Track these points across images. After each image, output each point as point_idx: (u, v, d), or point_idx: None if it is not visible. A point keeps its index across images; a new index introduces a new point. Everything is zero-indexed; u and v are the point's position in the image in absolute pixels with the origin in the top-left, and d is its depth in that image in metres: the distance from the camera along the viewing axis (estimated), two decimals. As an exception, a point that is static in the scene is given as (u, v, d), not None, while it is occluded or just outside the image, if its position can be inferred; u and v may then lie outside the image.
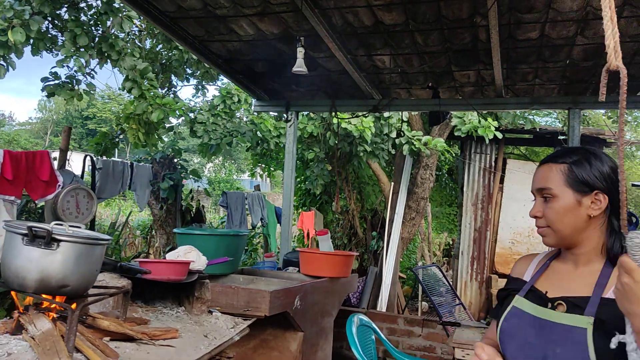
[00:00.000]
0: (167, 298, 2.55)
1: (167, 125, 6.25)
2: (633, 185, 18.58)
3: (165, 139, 7.67)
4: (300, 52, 3.67)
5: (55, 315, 1.85)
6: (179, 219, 6.22)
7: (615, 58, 1.17)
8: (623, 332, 1.23)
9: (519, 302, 1.48)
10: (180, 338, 2.13)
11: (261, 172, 9.49)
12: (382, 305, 7.33)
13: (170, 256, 2.57)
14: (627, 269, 1.13)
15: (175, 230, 3.82)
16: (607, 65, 1.19)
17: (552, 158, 1.49)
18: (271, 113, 7.20)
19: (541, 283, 1.49)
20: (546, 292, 1.45)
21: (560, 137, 8.93)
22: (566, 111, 4.74)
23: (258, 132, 6.91)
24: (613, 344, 1.22)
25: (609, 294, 1.33)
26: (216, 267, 3.37)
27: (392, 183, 7.88)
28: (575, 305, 1.36)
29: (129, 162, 5.40)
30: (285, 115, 5.39)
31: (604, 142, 9.43)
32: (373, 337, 4.05)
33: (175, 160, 6.24)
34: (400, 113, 6.91)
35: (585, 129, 9.44)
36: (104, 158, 5.69)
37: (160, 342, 2.01)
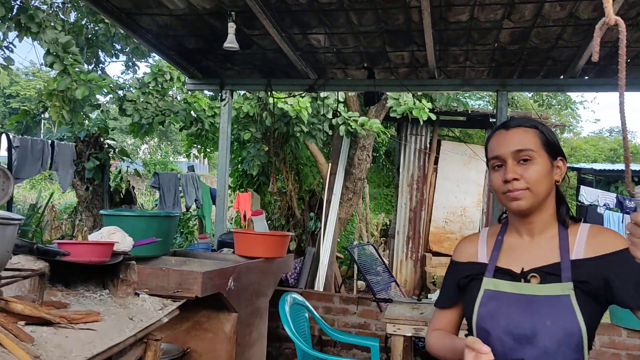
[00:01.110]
0: (90, 281, 2.44)
1: (94, 103, 5.97)
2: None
3: (94, 117, 7.35)
4: (232, 27, 3.58)
5: (-37, 301, 1.73)
6: (106, 200, 5.98)
7: (612, 12, 1.09)
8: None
9: (492, 283, 1.42)
10: (102, 321, 2.05)
11: (197, 154, 9.27)
12: (319, 285, 7.40)
13: (94, 237, 2.46)
14: None
15: (102, 211, 3.68)
16: (604, 20, 1.11)
17: (520, 123, 1.45)
18: (205, 92, 7.03)
19: (503, 261, 1.46)
20: (513, 268, 1.42)
21: (492, 120, 9.24)
22: (495, 94, 4.88)
23: (192, 112, 6.73)
24: None
25: (575, 256, 1.36)
26: (145, 248, 3.27)
27: (330, 164, 7.91)
28: (549, 273, 1.36)
29: (49, 140, 5.12)
30: (219, 94, 5.28)
31: (531, 125, 9.81)
32: (307, 315, 4.07)
33: (102, 139, 5.97)
34: (336, 93, 6.92)
35: (513, 112, 9.81)
36: (23, 136, 5.37)
37: (80, 326, 1.93)
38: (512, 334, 1.34)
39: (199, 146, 8.87)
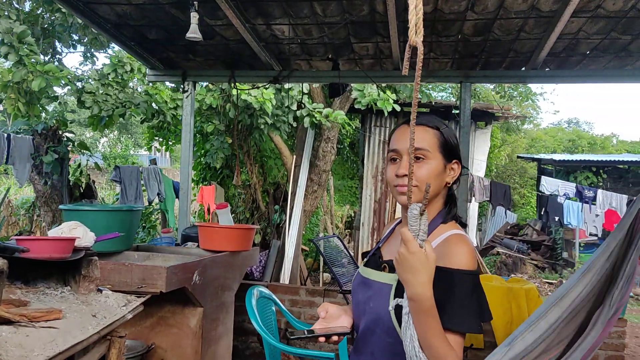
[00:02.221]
0: (50, 278, 2.36)
1: (51, 95, 5.77)
2: (519, 157, 20.09)
3: (52, 110, 7.13)
4: (194, 17, 3.51)
5: None
6: (66, 195, 5.80)
7: (415, 34, 1.19)
8: None
9: (362, 264, 1.62)
10: (64, 319, 1.99)
11: (158, 147, 9.11)
12: (284, 277, 7.39)
13: (54, 233, 2.39)
14: (404, 240, 1.21)
15: (61, 206, 3.57)
16: (409, 41, 1.21)
17: (423, 122, 1.51)
18: (167, 83, 6.89)
19: (384, 247, 1.61)
20: (383, 254, 1.57)
21: (455, 111, 9.38)
22: (459, 85, 4.94)
23: (153, 104, 6.59)
24: (391, 306, 1.34)
25: None
26: (107, 244, 3.19)
27: (294, 156, 7.89)
28: (394, 267, 1.41)
29: (5, 134, 4.92)
30: (182, 85, 5.18)
31: (492, 116, 10.02)
32: (274, 308, 4.06)
33: (60, 132, 5.77)
34: (300, 85, 6.89)
35: (476, 104, 9.97)
36: (-23, 130, 5.16)
37: (41, 324, 1.87)
38: (357, 311, 1.54)
39: (161, 139, 8.72)
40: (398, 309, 1.33)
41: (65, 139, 5.86)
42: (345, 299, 4.87)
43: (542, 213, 11.55)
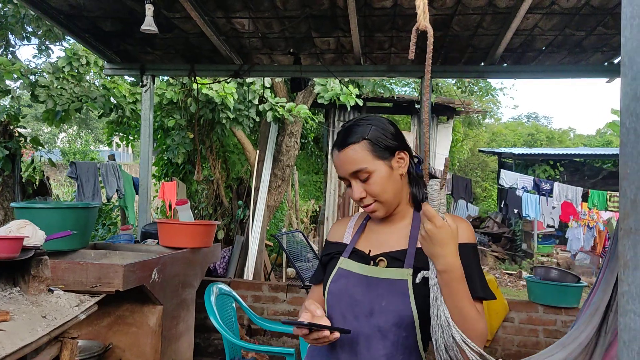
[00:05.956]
0: (-2, 279, 2.28)
1: (4, 89, 5.56)
2: (480, 151, 20.43)
3: (5, 104, 6.88)
4: (149, 9, 3.42)
5: None
6: (18, 192, 5.61)
7: (424, 19, 1.24)
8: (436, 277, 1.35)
9: (345, 263, 1.52)
10: (12, 321, 1.92)
11: (119, 142, 8.90)
12: (248, 274, 7.33)
13: (1, 232, 2.29)
14: (429, 217, 1.25)
15: (13, 204, 3.44)
16: (416, 25, 1.24)
17: (346, 142, 1.47)
18: (126, 77, 6.73)
19: (362, 243, 1.56)
20: (369, 251, 1.51)
21: (417, 106, 9.46)
22: (420, 80, 4.97)
23: (111, 98, 6.42)
24: (418, 279, 1.34)
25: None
26: (61, 242, 3.10)
27: (257, 151, 7.83)
28: (395, 259, 1.46)
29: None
30: (140, 79, 5.06)
31: (454, 110, 10.16)
32: (234, 305, 4.02)
33: (12, 127, 5.57)
34: (262, 79, 6.83)
35: (437, 98, 10.10)
36: None
37: (-13, 327, 1.80)
38: (353, 311, 1.44)
39: (121, 134, 8.52)
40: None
41: (17, 134, 5.66)
42: (308, 294, 4.87)
43: (502, 206, 11.80)
